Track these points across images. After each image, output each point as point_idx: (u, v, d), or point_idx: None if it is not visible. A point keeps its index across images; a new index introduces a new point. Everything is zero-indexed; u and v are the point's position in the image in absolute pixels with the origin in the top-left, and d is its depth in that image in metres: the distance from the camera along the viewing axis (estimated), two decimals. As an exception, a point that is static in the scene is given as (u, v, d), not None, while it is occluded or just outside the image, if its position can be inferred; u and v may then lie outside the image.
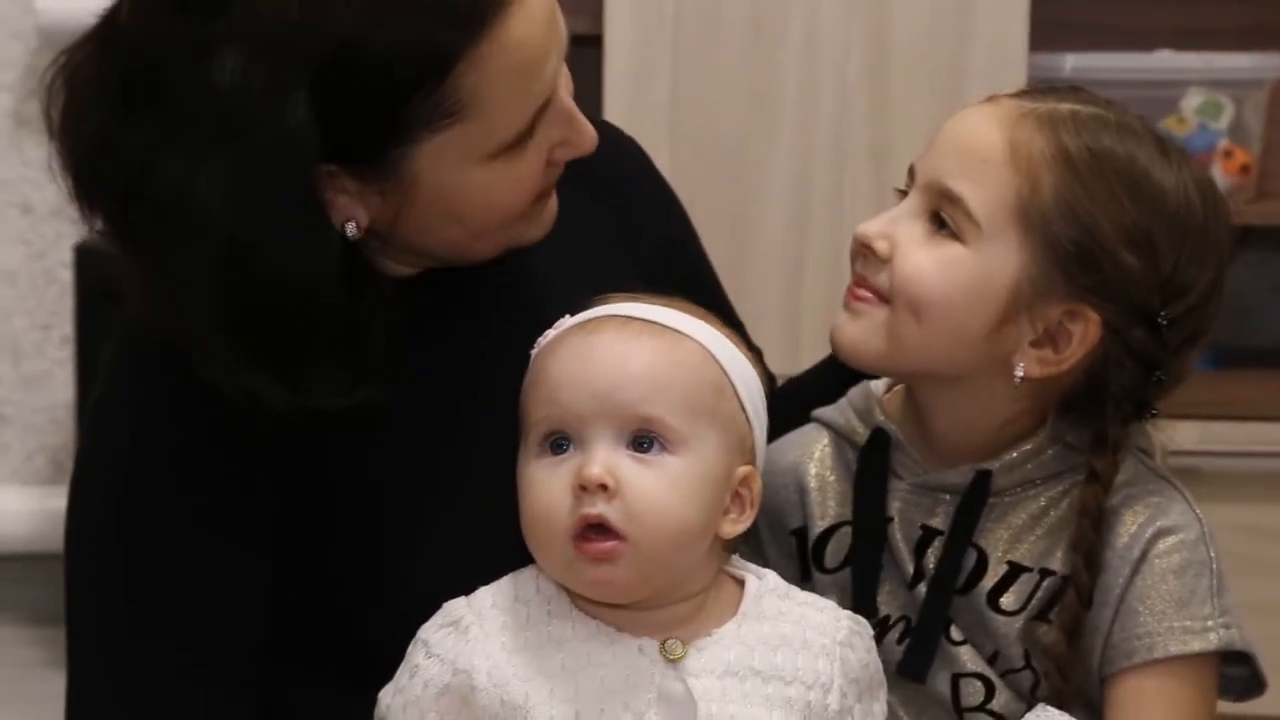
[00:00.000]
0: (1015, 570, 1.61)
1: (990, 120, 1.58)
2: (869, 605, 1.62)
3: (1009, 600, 1.60)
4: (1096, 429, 1.59)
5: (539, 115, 1.49)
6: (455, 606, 1.50)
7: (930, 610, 1.61)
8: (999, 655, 1.61)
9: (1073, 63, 3.07)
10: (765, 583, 1.53)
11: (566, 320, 1.53)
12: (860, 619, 1.55)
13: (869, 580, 1.64)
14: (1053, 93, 1.62)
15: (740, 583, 1.53)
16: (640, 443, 1.46)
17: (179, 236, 1.42)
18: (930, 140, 1.61)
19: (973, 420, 1.62)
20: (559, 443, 1.48)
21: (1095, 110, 1.59)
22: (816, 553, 1.68)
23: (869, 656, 1.54)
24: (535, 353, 1.53)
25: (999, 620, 1.60)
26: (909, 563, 1.63)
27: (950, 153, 1.59)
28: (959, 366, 1.59)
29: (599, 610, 1.48)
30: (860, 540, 1.65)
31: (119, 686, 1.52)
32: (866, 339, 1.60)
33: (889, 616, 1.63)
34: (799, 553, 1.69)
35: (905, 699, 1.62)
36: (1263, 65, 3.14)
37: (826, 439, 1.71)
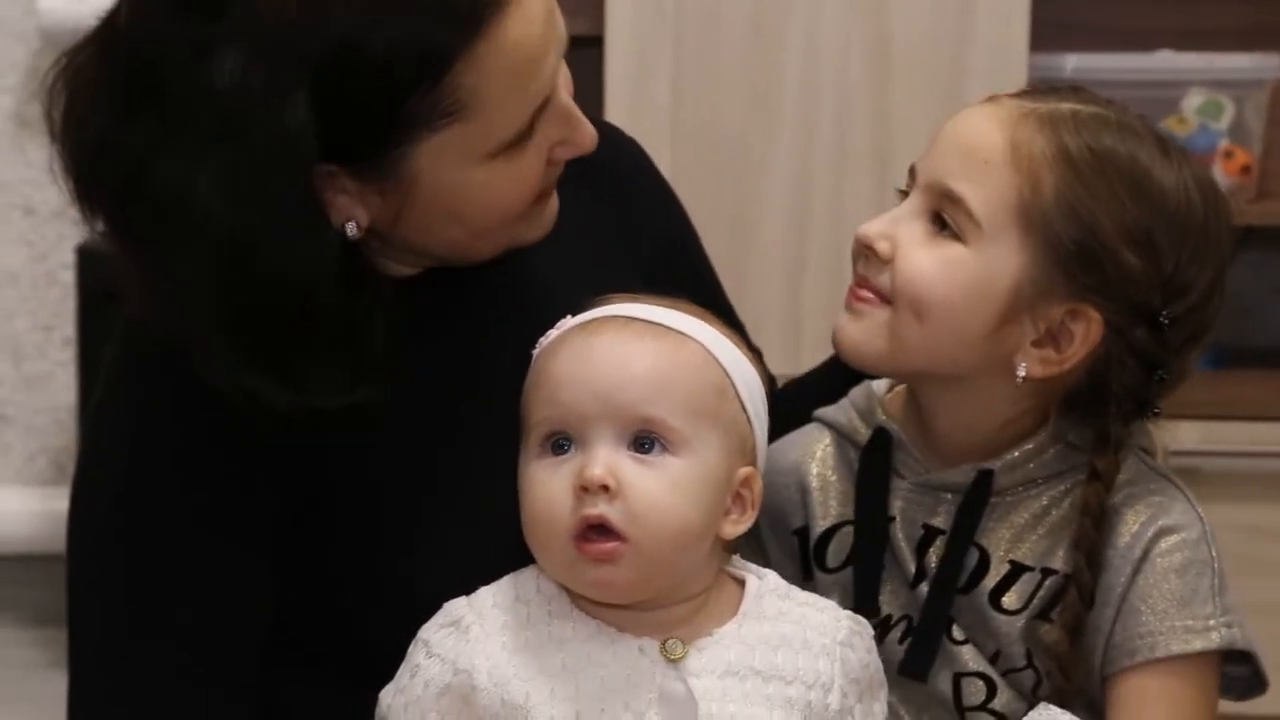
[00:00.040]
0: (1017, 569, 1.61)
1: (991, 120, 1.58)
2: (871, 605, 1.62)
3: (1011, 599, 1.60)
4: (1098, 428, 1.59)
5: (538, 114, 1.49)
6: (456, 606, 1.50)
7: (932, 609, 1.61)
8: (1001, 654, 1.61)
9: (1073, 63, 3.07)
10: (765, 583, 1.53)
11: (568, 321, 1.53)
12: (860, 619, 1.55)
13: (871, 580, 1.64)
14: (1054, 93, 1.62)
15: (741, 583, 1.53)
16: (642, 444, 1.46)
17: (179, 236, 1.42)
18: (931, 140, 1.61)
19: (974, 420, 1.62)
20: (560, 443, 1.48)
21: (1096, 110, 1.59)
22: (818, 552, 1.68)
23: (869, 656, 1.54)
24: (537, 353, 1.53)
25: (1001, 619, 1.60)
26: (911, 562, 1.63)
27: (951, 153, 1.59)
28: (961, 367, 1.59)
29: (600, 610, 1.48)
30: (862, 540, 1.65)
31: (120, 687, 1.52)
32: (868, 339, 1.60)
33: (891, 616, 1.63)
34: (801, 552, 1.69)
35: (907, 698, 1.62)
36: (1263, 65, 3.13)
37: (828, 439, 1.71)
